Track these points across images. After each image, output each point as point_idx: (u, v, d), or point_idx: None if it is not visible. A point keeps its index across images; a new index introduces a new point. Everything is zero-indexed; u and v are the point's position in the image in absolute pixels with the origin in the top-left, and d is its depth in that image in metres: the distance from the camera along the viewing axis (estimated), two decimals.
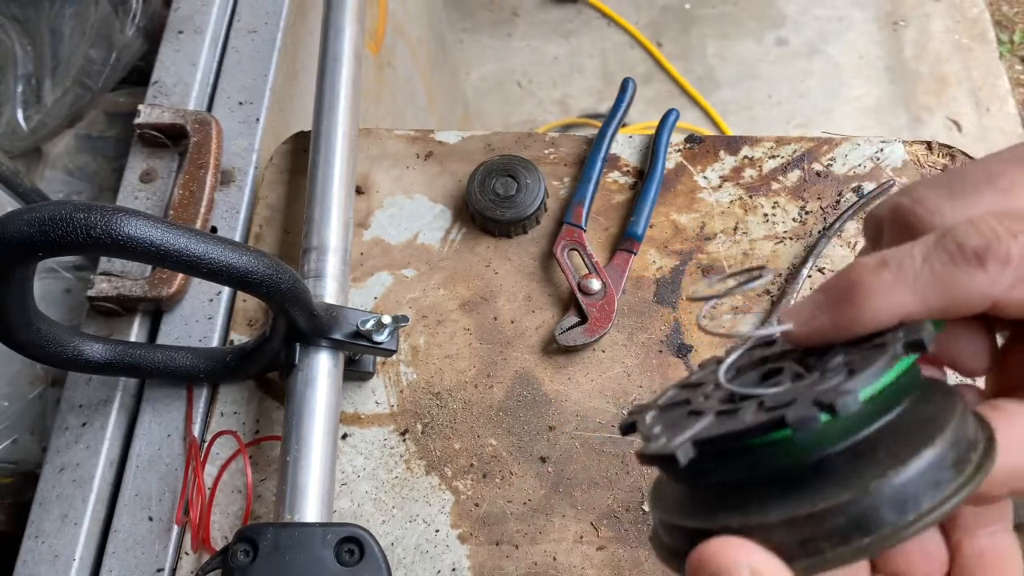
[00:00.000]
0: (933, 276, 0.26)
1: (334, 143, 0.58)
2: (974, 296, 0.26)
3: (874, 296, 0.27)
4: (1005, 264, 0.26)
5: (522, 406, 0.56)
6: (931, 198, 0.29)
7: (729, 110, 1.88)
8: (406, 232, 0.62)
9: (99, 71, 0.73)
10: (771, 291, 0.58)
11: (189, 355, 0.54)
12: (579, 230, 0.59)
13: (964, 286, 0.26)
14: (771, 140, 0.63)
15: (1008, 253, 0.26)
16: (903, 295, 0.27)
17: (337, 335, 0.51)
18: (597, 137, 0.62)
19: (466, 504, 0.53)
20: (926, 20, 1.93)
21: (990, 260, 0.26)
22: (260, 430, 0.56)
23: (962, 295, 0.26)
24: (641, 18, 2.00)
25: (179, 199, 0.60)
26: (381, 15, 1.01)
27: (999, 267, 0.26)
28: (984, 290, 0.26)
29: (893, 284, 0.27)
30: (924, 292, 0.26)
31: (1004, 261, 0.26)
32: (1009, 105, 1.83)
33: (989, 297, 0.26)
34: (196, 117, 0.62)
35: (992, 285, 0.26)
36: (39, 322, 0.46)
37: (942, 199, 0.29)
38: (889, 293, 0.27)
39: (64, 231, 0.37)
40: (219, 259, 0.41)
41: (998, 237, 0.26)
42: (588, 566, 0.51)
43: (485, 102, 1.92)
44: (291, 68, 0.73)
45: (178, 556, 0.52)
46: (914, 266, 0.27)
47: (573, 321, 0.57)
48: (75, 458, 0.55)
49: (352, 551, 0.45)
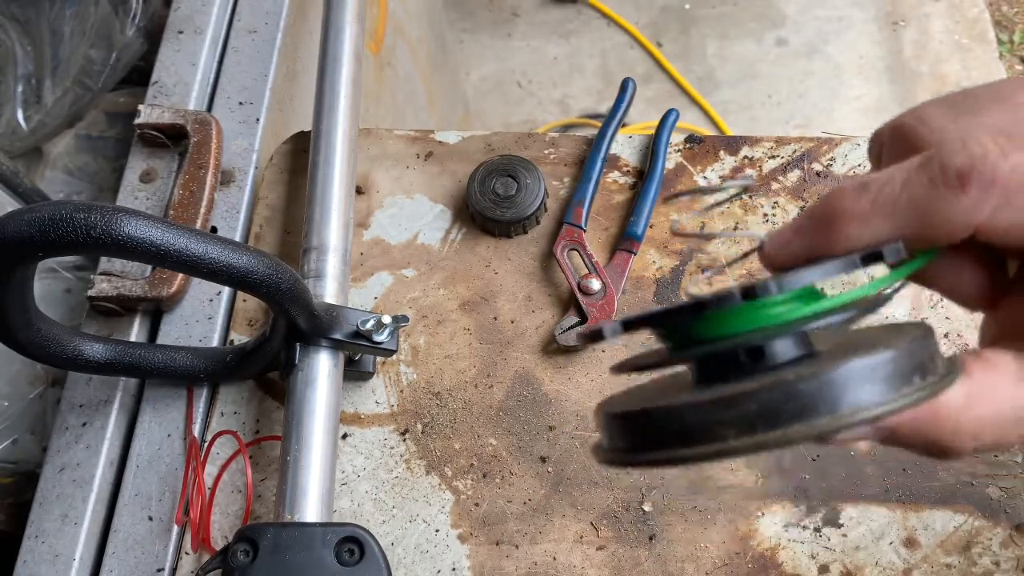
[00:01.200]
0: (911, 201, 0.25)
1: (334, 143, 0.58)
2: (954, 223, 0.24)
3: (849, 223, 0.26)
4: (989, 187, 0.23)
5: (522, 406, 0.56)
6: (935, 116, 0.27)
7: (729, 110, 1.88)
8: (406, 232, 0.62)
9: (99, 71, 0.73)
10: None
11: (189, 355, 0.54)
12: (579, 230, 0.59)
13: (943, 212, 0.24)
14: (771, 140, 0.63)
15: (993, 174, 0.23)
16: (879, 222, 0.25)
17: (337, 335, 0.51)
18: (597, 137, 0.62)
19: (466, 504, 0.53)
20: (926, 20, 1.93)
21: (972, 182, 0.24)
22: (260, 430, 0.56)
23: (940, 222, 0.24)
24: (641, 18, 1.99)
25: (179, 199, 0.60)
26: (381, 15, 1.01)
27: (981, 190, 0.24)
28: (964, 216, 0.24)
29: (870, 211, 0.25)
30: (900, 219, 0.25)
31: (988, 183, 0.23)
32: None
33: (970, 223, 0.24)
34: (196, 117, 0.62)
35: (973, 210, 0.24)
36: (39, 322, 0.46)
37: (946, 117, 0.26)
38: (864, 220, 0.25)
39: (64, 231, 0.37)
40: (219, 259, 0.41)
41: (985, 156, 0.24)
42: (588, 566, 0.51)
43: (485, 102, 1.92)
44: (291, 68, 0.73)
45: (178, 556, 0.52)
46: (893, 191, 0.25)
47: (573, 321, 0.57)
48: (75, 458, 0.55)
49: (352, 551, 0.45)
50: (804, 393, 0.22)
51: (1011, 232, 0.24)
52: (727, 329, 0.24)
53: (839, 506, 0.52)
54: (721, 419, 0.22)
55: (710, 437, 0.22)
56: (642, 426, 0.24)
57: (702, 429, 0.22)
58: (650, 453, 0.24)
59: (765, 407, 0.22)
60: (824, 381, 0.22)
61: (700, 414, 0.22)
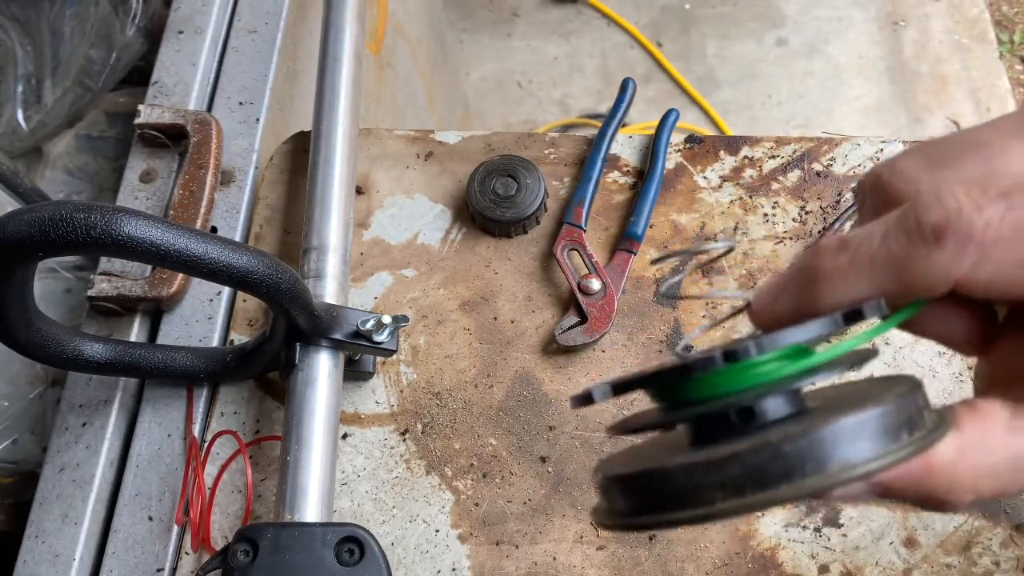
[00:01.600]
0: (889, 258, 0.24)
1: (334, 143, 0.58)
2: (932, 278, 0.24)
3: (829, 282, 0.25)
4: (966, 242, 0.23)
5: (522, 406, 0.56)
6: (910, 168, 0.26)
7: (729, 110, 1.88)
8: (406, 232, 0.62)
9: (99, 71, 0.73)
10: None
11: (189, 355, 0.54)
12: (579, 230, 0.59)
13: (921, 268, 0.24)
14: (771, 140, 0.63)
15: (970, 229, 0.23)
16: (859, 280, 0.25)
17: (337, 335, 0.51)
18: (597, 137, 0.62)
19: (466, 504, 0.53)
20: (926, 20, 1.93)
21: (949, 237, 0.23)
22: (260, 430, 0.56)
23: (919, 278, 0.24)
24: (641, 18, 1.99)
25: (179, 199, 0.60)
26: (381, 15, 1.01)
27: (958, 245, 0.23)
28: (943, 272, 0.24)
29: (849, 269, 0.25)
30: (880, 276, 0.25)
31: (965, 238, 0.23)
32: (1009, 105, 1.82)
33: (949, 278, 0.24)
34: (196, 117, 0.62)
35: (951, 265, 0.23)
36: (39, 322, 0.46)
37: (921, 169, 0.26)
38: (844, 279, 0.25)
39: (64, 231, 0.37)
40: (219, 259, 0.41)
41: (959, 211, 0.23)
42: (588, 566, 0.51)
43: (485, 102, 1.92)
44: (291, 68, 0.73)
45: (178, 556, 0.52)
46: (871, 248, 0.25)
47: (573, 321, 0.57)
48: (75, 458, 0.55)
49: (352, 551, 0.45)
50: (791, 453, 0.22)
51: (992, 285, 0.24)
52: (715, 390, 0.24)
53: (839, 506, 0.52)
54: (710, 482, 0.22)
55: (699, 501, 0.22)
56: (636, 489, 0.24)
57: (692, 492, 0.22)
58: (642, 517, 0.24)
59: (753, 469, 0.22)
60: (812, 440, 0.22)
61: (688, 477, 0.23)
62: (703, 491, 0.22)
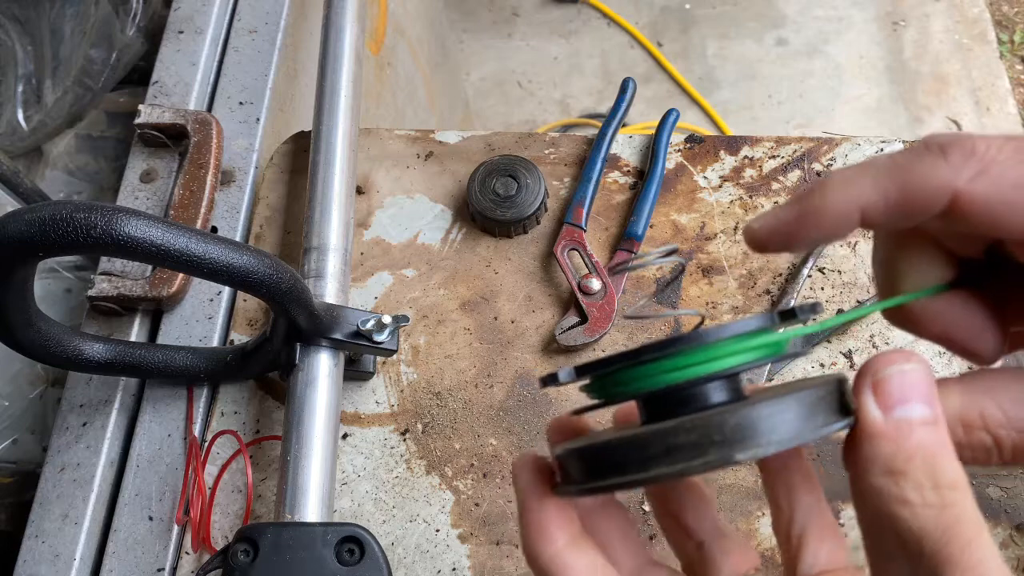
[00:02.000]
0: (894, 165, 0.26)
1: (334, 143, 0.58)
2: (933, 185, 0.26)
3: (835, 186, 0.27)
4: (968, 155, 0.25)
5: (522, 406, 0.56)
6: None
7: (729, 110, 1.88)
8: (406, 232, 0.62)
9: (99, 71, 0.73)
10: (771, 291, 0.58)
11: (189, 355, 0.54)
12: (579, 230, 0.59)
13: (924, 174, 0.26)
14: (771, 140, 0.63)
15: (973, 147, 0.25)
16: (862, 184, 0.26)
17: (337, 335, 0.51)
18: (597, 137, 0.62)
19: (466, 504, 0.53)
20: (926, 20, 1.93)
21: (953, 150, 0.25)
22: (260, 430, 0.56)
23: (920, 183, 0.26)
24: (641, 18, 1.99)
25: (179, 199, 0.60)
26: (381, 15, 1.01)
27: (962, 157, 0.25)
28: (944, 179, 0.25)
29: (855, 175, 0.27)
30: (883, 181, 0.26)
31: (968, 153, 0.25)
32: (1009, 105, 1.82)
33: (949, 187, 0.25)
34: (196, 117, 0.62)
35: (953, 175, 0.25)
36: (40, 322, 0.46)
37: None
38: (849, 182, 0.27)
39: (65, 231, 0.37)
40: (219, 259, 0.41)
41: (966, 136, 0.26)
42: None
43: (485, 102, 1.92)
44: (291, 68, 0.73)
45: (178, 556, 0.52)
46: (878, 161, 0.27)
47: (573, 321, 0.57)
48: (75, 458, 0.55)
49: (352, 551, 0.45)
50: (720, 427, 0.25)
51: (988, 204, 0.25)
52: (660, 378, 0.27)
53: (839, 506, 0.52)
54: (651, 451, 0.25)
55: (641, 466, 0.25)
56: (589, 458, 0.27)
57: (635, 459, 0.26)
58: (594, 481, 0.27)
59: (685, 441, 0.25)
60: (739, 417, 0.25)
61: (633, 446, 0.26)
62: (645, 459, 0.25)
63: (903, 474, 0.24)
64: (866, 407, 0.26)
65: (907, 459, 0.24)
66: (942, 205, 0.26)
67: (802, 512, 0.29)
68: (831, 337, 0.56)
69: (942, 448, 0.25)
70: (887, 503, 0.25)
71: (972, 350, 0.29)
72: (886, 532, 0.25)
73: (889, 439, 0.25)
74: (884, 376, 0.26)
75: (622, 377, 0.28)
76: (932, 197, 0.26)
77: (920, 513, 0.24)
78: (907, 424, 0.25)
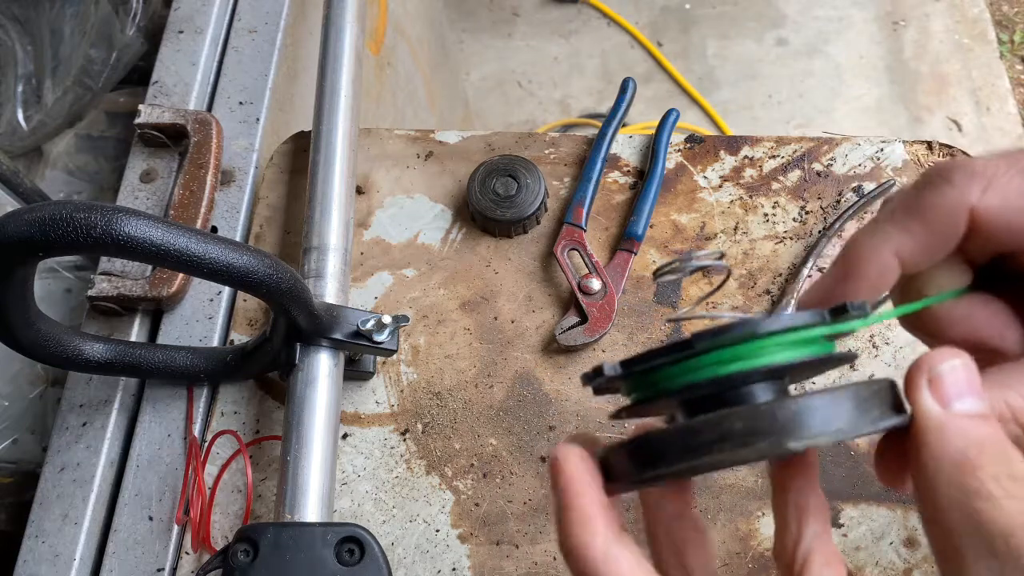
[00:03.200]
0: (907, 205, 0.28)
1: (334, 143, 0.58)
2: (949, 209, 0.27)
3: (863, 242, 0.29)
4: (971, 175, 0.27)
5: (522, 406, 0.56)
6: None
7: (729, 110, 1.88)
8: (406, 232, 0.62)
9: (99, 71, 0.73)
10: (771, 291, 0.58)
11: (189, 355, 0.54)
12: (579, 230, 0.59)
13: (939, 203, 0.27)
14: (771, 140, 0.63)
15: (974, 167, 0.27)
16: (888, 232, 0.28)
17: (337, 335, 0.51)
18: (597, 137, 0.62)
19: (466, 504, 0.53)
20: (926, 20, 1.93)
21: (956, 173, 0.27)
22: (260, 430, 0.56)
23: (939, 212, 0.27)
24: (641, 18, 1.99)
25: (179, 199, 0.60)
26: (381, 15, 1.01)
27: (965, 177, 0.27)
28: (956, 200, 0.27)
29: (877, 227, 0.29)
30: (903, 222, 0.28)
31: (970, 173, 0.27)
32: (1009, 105, 1.82)
33: (963, 207, 0.27)
34: (196, 117, 0.62)
35: (961, 195, 0.27)
36: (40, 322, 0.46)
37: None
38: (876, 235, 0.28)
39: (65, 231, 0.37)
40: (219, 259, 0.41)
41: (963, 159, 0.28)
42: None
43: (485, 102, 1.92)
44: (291, 68, 0.73)
45: (178, 556, 0.52)
46: (890, 207, 0.29)
47: (573, 321, 0.57)
48: (75, 458, 0.55)
49: (352, 551, 0.45)
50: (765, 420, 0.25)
51: (1003, 215, 0.27)
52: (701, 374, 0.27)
53: (839, 506, 0.52)
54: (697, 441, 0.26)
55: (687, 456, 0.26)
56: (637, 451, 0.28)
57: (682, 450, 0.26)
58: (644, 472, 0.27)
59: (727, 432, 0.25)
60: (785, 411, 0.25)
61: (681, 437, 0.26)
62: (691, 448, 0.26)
63: (979, 467, 0.24)
64: (925, 403, 0.26)
65: (979, 451, 0.24)
66: (964, 226, 0.27)
67: (809, 536, 0.29)
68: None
69: (1006, 440, 0.25)
70: (967, 500, 0.24)
71: (999, 348, 0.30)
72: (967, 531, 0.24)
73: (956, 432, 0.25)
74: (939, 372, 0.26)
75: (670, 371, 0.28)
76: (953, 221, 0.27)
77: (1005, 506, 0.23)
78: (970, 418, 0.25)
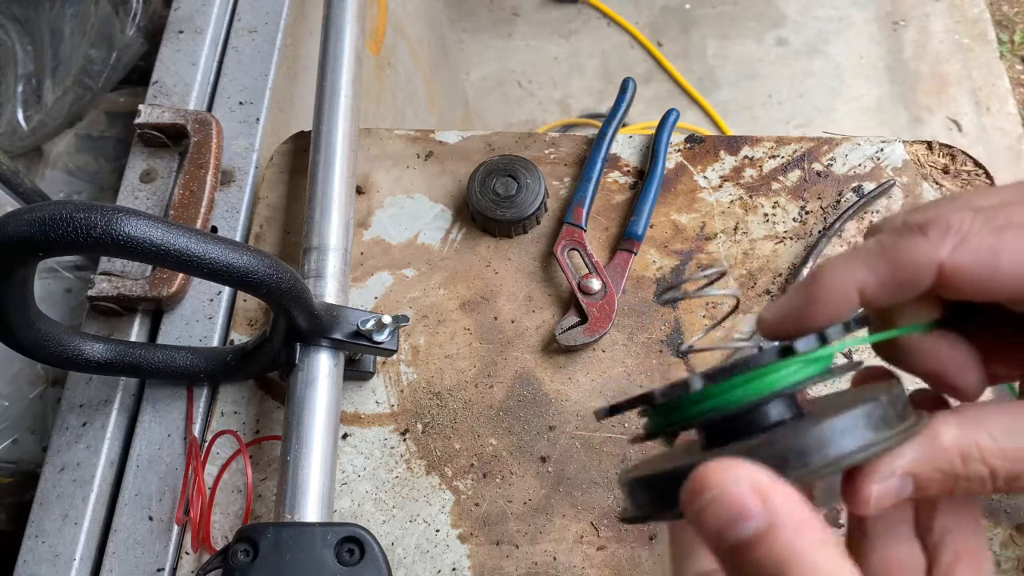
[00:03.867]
0: (881, 248, 0.29)
1: (334, 143, 0.58)
2: (919, 261, 0.28)
3: (830, 272, 0.30)
4: (946, 230, 0.28)
5: (522, 406, 0.56)
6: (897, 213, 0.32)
7: (729, 110, 1.88)
8: (406, 232, 0.62)
9: (99, 71, 0.73)
10: (771, 291, 0.58)
11: (189, 355, 0.54)
12: (579, 230, 0.59)
13: (909, 253, 0.28)
14: (771, 140, 0.63)
15: (949, 222, 0.28)
16: (856, 268, 0.29)
17: (337, 335, 0.51)
18: (597, 137, 0.62)
19: (466, 504, 0.53)
20: (926, 20, 1.93)
21: (931, 228, 0.28)
22: (260, 430, 0.56)
23: (908, 261, 0.28)
24: (641, 18, 2.00)
25: (179, 199, 0.60)
26: (381, 15, 1.01)
27: (940, 232, 0.28)
28: (927, 254, 0.28)
29: (847, 260, 0.30)
30: (873, 262, 0.29)
31: (944, 228, 0.28)
32: (1009, 105, 1.82)
33: (933, 261, 0.28)
34: (196, 117, 0.62)
35: (935, 248, 0.28)
36: (39, 322, 0.46)
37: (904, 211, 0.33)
38: (843, 268, 0.29)
39: (65, 231, 0.37)
40: (219, 259, 0.41)
41: (939, 213, 0.29)
42: (588, 566, 0.51)
43: (485, 102, 1.92)
44: (291, 68, 0.73)
45: (178, 556, 0.52)
46: (867, 245, 0.30)
47: (573, 321, 0.57)
48: (75, 458, 0.55)
49: (352, 551, 0.45)
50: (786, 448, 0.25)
51: (973, 272, 0.28)
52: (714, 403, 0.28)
53: (839, 506, 0.52)
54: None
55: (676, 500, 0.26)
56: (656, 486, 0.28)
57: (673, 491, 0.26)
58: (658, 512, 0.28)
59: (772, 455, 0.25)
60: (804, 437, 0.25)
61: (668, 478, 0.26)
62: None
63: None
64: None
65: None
66: (930, 278, 0.28)
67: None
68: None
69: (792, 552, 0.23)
70: None
71: (958, 386, 0.31)
72: None
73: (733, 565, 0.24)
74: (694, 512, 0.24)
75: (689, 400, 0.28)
76: (920, 272, 0.28)
77: None
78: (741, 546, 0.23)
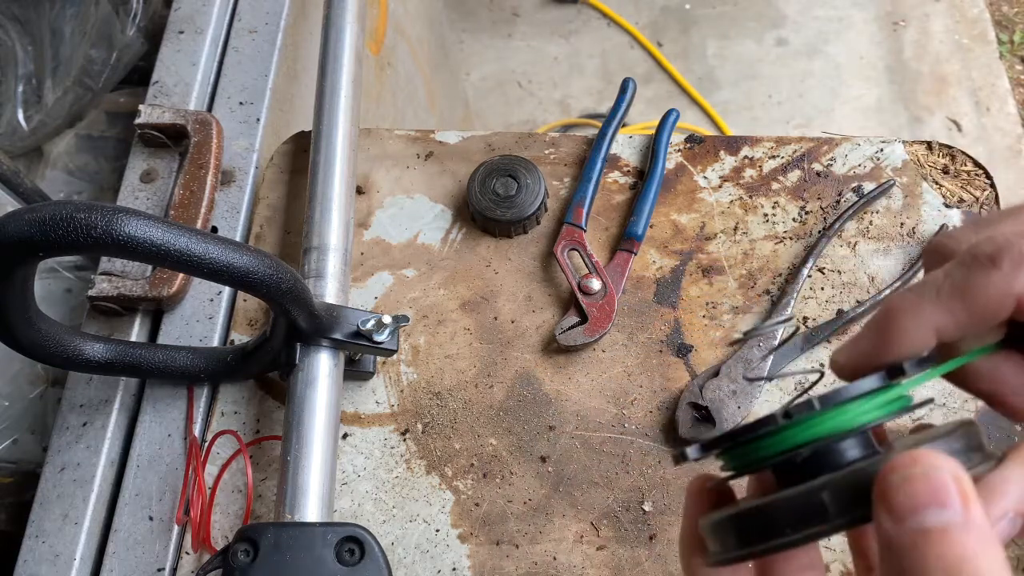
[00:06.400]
0: (953, 286, 0.28)
1: (334, 143, 0.58)
2: (995, 296, 0.27)
3: (905, 315, 0.29)
4: (1019, 260, 0.27)
5: (522, 406, 0.56)
6: (962, 232, 0.31)
7: (729, 110, 1.88)
8: (407, 232, 0.62)
9: (100, 71, 0.73)
10: (771, 291, 0.58)
11: (190, 355, 0.54)
12: (579, 230, 0.59)
13: (983, 288, 0.27)
14: (771, 140, 0.63)
15: (1020, 250, 0.27)
16: (930, 309, 0.28)
17: (337, 335, 0.51)
18: (597, 137, 0.62)
19: (466, 504, 0.53)
20: (926, 20, 1.93)
21: (1004, 258, 0.27)
22: (261, 430, 0.56)
23: (983, 297, 0.27)
24: (641, 18, 2.00)
25: (180, 199, 0.60)
26: (381, 15, 1.01)
27: (1013, 263, 0.27)
28: (1003, 288, 0.27)
29: (919, 301, 0.28)
30: (948, 302, 0.28)
31: (1018, 257, 0.27)
32: (1009, 105, 1.82)
33: (1010, 294, 0.27)
34: (196, 117, 0.62)
35: (1009, 282, 0.27)
36: (40, 322, 0.46)
37: (969, 231, 0.31)
38: (916, 309, 0.28)
39: (65, 231, 0.37)
40: (220, 259, 0.41)
41: (1010, 242, 0.27)
42: (588, 566, 0.51)
43: (485, 102, 1.92)
44: (291, 68, 0.73)
45: (178, 556, 0.52)
46: (937, 282, 0.29)
47: (573, 321, 0.57)
48: (76, 458, 0.55)
49: (352, 551, 0.45)
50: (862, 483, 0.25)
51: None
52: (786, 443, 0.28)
53: None
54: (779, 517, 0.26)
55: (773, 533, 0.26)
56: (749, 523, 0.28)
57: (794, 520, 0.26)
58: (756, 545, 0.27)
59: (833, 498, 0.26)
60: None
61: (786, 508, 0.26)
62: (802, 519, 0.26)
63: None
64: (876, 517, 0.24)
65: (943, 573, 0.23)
66: (1009, 311, 0.28)
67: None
68: (831, 338, 0.56)
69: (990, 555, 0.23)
70: None
71: (1015, 406, 0.31)
72: None
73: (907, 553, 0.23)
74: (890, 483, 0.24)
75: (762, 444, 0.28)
76: (998, 308, 0.28)
77: None
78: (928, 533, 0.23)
